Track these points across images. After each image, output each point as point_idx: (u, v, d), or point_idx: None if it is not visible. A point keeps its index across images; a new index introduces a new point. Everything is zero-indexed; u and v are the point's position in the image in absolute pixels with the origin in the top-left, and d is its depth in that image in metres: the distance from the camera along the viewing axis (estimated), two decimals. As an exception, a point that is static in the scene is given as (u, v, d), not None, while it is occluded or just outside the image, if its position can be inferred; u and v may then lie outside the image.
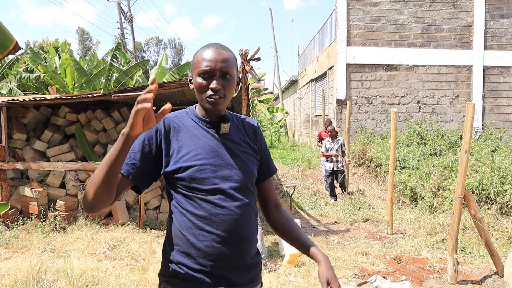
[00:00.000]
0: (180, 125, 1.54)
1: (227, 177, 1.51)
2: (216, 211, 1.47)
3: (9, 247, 5.48)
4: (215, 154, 1.51)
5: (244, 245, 1.53)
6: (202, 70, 1.49)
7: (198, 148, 1.49)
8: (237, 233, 1.50)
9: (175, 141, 1.51)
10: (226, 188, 1.50)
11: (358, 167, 10.86)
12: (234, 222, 1.49)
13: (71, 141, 7.96)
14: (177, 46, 52.58)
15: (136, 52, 28.28)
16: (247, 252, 1.55)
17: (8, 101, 6.62)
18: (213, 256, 1.47)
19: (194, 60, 1.54)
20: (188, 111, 1.61)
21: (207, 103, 1.51)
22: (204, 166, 1.48)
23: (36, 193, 6.46)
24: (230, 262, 1.50)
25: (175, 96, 8.24)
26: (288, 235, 1.73)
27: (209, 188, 1.48)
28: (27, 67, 14.37)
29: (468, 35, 12.14)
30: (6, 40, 1.33)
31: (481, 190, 6.36)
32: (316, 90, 16.26)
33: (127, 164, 1.46)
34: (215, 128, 1.56)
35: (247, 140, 1.64)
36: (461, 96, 12.24)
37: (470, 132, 4.15)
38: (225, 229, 1.47)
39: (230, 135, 1.59)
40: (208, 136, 1.54)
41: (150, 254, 5.10)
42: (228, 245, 1.48)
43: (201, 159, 1.48)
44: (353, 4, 12.13)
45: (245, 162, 1.58)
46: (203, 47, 1.56)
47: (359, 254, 5.31)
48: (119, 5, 25.55)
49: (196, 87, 1.52)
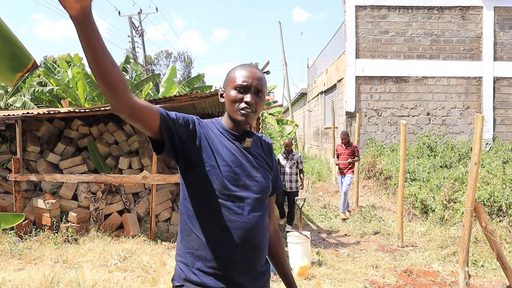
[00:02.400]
0: (212, 130, 1.62)
1: (247, 187, 1.58)
2: (233, 217, 1.53)
3: (22, 258, 5.55)
4: (238, 164, 1.58)
5: (256, 252, 1.59)
6: (238, 85, 1.59)
7: (224, 155, 1.56)
8: (250, 241, 1.55)
9: (206, 140, 1.56)
10: (245, 196, 1.56)
11: (368, 179, 10.83)
12: (249, 230, 1.55)
13: (84, 153, 8.08)
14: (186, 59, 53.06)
15: (146, 65, 28.62)
16: (258, 260, 1.61)
17: (23, 114, 6.75)
18: (226, 261, 1.52)
19: (230, 75, 1.64)
20: (214, 122, 1.67)
21: (239, 115, 1.58)
22: (227, 173, 1.54)
23: (49, 205, 6.55)
24: (242, 268, 1.55)
25: (185, 109, 8.34)
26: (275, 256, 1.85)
27: (228, 193, 1.53)
28: (41, 80, 14.63)
29: (477, 46, 12.13)
30: (25, 58, 1.34)
31: (492, 202, 6.31)
32: (325, 102, 16.30)
33: (169, 114, 1.49)
34: (239, 141, 1.63)
35: (264, 156, 1.73)
36: (471, 108, 12.19)
37: (480, 143, 4.16)
38: (239, 236, 1.53)
39: (251, 149, 1.66)
40: (234, 147, 1.61)
41: (161, 266, 5.14)
42: (241, 251, 1.53)
43: (226, 165, 1.55)
44: (361, 16, 12.21)
45: (263, 176, 1.65)
46: (239, 65, 1.67)
47: (369, 266, 5.29)
48: (130, 20, 25.97)
49: (230, 99, 1.60)
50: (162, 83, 15.00)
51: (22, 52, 1.35)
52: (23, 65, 1.35)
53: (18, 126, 6.77)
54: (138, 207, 7.15)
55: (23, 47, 1.36)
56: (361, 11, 12.21)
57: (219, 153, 1.55)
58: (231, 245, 1.52)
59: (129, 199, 7.26)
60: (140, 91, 13.94)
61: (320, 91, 17.12)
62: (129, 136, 8.42)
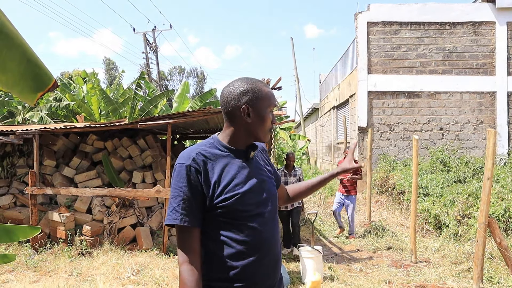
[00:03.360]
0: (212, 158, 1.56)
1: (263, 202, 1.60)
2: (258, 235, 1.54)
3: (37, 271, 5.63)
4: (250, 181, 1.58)
5: (277, 264, 1.63)
6: (272, 106, 1.62)
7: (235, 178, 1.54)
8: (273, 253, 1.60)
9: (212, 174, 1.53)
10: (264, 212, 1.59)
11: (381, 194, 10.76)
12: (271, 243, 1.59)
13: (98, 167, 8.20)
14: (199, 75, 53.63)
15: (160, 81, 29.00)
16: (278, 271, 1.65)
17: (40, 129, 6.91)
18: (253, 277, 1.53)
19: (264, 95, 1.61)
20: (212, 142, 1.63)
21: (269, 134, 1.65)
22: (244, 195, 1.54)
23: (64, 218, 6.65)
24: (266, 282, 1.58)
25: (198, 124, 8.43)
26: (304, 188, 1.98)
27: (251, 214, 1.54)
28: (56, 96, 14.93)
29: (490, 61, 12.08)
30: (46, 78, 1.38)
31: (508, 218, 6.24)
32: (337, 117, 16.31)
33: (187, 215, 1.49)
34: (242, 157, 1.62)
35: (262, 163, 1.74)
36: (485, 123, 12.09)
37: (492, 159, 4.15)
38: (265, 251, 1.56)
39: (254, 162, 1.68)
40: (240, 164, 1.60)
41: (174, 280, 5.16)
42: (266, 265, 1.57)
43: (240, 188, 1.54)
44: (373, 32, 12.29)
45: (272, 186, 1.68)
46: (260, 83, 1.64)
47: (382, 282, 5.25)
48: (144, 36, 26.43)
49: (266, 121, 1.61)
50: (175, 98, 15.20)
51: (44, 72, 1.39)
52: (44, 85, 1.39)
53: (35, 141, 6.92)
54: (151, 221, 7.21)
55: (44, 67, 1.41)
56: (373, 27, 12.29)
57: (230, 179, 1.54)
58: (258, 262, 1.54)
59: (142, 213, 7.33)
60: (154, 106, 14.13)
61: (332, 106, 17.15)
62: (143, 150, 8.53)
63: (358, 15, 12.29)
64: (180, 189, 1.50)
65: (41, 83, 1.40)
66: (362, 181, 11.72)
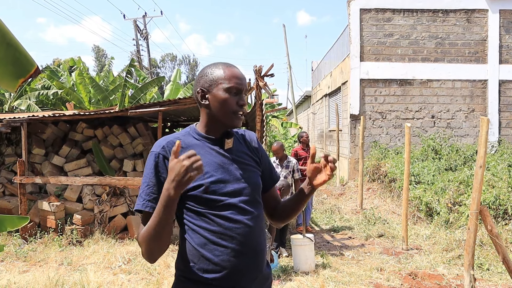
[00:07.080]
0: (183, 146, 1.54)
1: (237, 192, 1.54)
2: (230, 225, 1.50)
3: (27, 260, 5.58)
4: (223, 170, 1.54)
5: (258, 257, 1.56)
6: (233, 87, 1.54)
7: (206, 166, 1.50)
8: (251, 246, 1.53)
9: None
10: (237, 202, 1.53)
11: (373, 182, 10.80)
12: (248, 235, 1.52)
13: (88, 156, 8.10)
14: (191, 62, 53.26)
15: (151, 68, 28.73)
16: (261, 264, 1.59)
17: (28, 117, 6.79)
18: (229, 270, 1.49)
19: (215, 75, 1.56)
20: (189, 131, 1.62)
21: (236, 118, 1.56)
22: (214, 184, 1.50)
23: (54, 207, 6.58)
24: (246, 275, 1.53)
25: (189, 111, 8.36)
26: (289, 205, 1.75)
27: (221, 204, 1.50)
28: (44, 83, 14.73)
29: (482, 49, 12.08)
30: (28, 64, 1.34)
31: (498, 206, 6.28)
32: (329, 105, 16.29)
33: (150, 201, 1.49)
34: (219, 144, 1.59)
35: (248, 153, 1.68)
36: (476, 111, 12.14)
37: (485, 146, 4.14)
38: (240, 243, 1.50)
39: (233, 150, 1.61)
40: (214, 153, 1.56)
41: (165, 268, 5.14)
42: (243, 258, 1.51)
43: (211, 176, 1.50)
44: (366, 20, 12.21)
45: (251, 175, 1.61)
46: (222, 64, 1.59)
47: (374, 269, 5.27)
48: (135, 23, 26.09)
49: (223, 103, 1.54)
50: (167, 86, 15.08)
51: (25, 57, 1.34)
52: (25, 71, 1.35)
53: (23, 129, 6.81)
54: (142, 210, 7.15)
55: (26, 52, 1.36)
56: (365, 14, 12.21)
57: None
58: (233, 254, 1.49)
59: (133, 201, 7.27)
60: (144, 94, 14.01)
61: (324, 93, 17.11)
62: (134, 138, 8.44)
63: (351, 2, 12.18)
64: (147, 175, 1.52)
65: (22, 69, 1.34)
66: (354, 168, 11.77)
